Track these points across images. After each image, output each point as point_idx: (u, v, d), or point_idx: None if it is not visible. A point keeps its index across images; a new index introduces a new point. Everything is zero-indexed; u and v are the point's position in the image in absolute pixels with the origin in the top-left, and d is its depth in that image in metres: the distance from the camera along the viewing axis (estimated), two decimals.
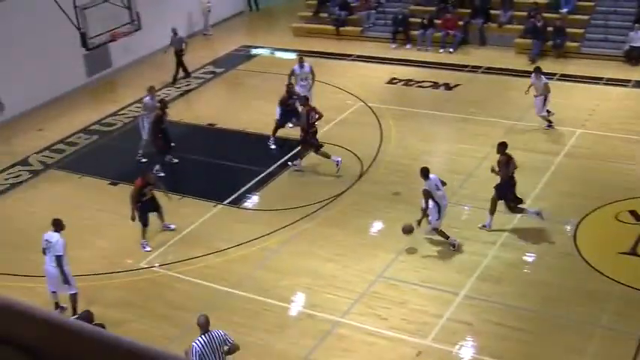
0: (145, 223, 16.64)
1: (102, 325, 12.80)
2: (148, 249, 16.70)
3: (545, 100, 20.53)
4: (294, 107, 20.60)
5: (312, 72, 21.80)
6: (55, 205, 18.79)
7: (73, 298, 14.19)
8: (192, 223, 17.49)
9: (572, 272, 14.88)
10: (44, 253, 14.12)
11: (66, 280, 14.06)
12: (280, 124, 20.82)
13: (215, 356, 10.93)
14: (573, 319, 13.62)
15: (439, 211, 15.63)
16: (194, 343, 10.93)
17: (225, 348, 11.10)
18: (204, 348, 10.83)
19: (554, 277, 14.76)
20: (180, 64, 26.31)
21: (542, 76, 20.57)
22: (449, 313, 13.88)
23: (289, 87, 20.90)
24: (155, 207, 16.95)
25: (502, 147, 16.40)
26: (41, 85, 24.82)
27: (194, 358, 10.74)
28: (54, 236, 14.01)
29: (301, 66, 21.82)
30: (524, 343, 13.12)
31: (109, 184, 19.84)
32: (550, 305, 14.01)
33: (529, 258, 15.57)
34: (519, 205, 16.37)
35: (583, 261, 15.14)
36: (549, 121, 20.77)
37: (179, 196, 18.64)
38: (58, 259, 13.92)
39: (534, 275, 15.01)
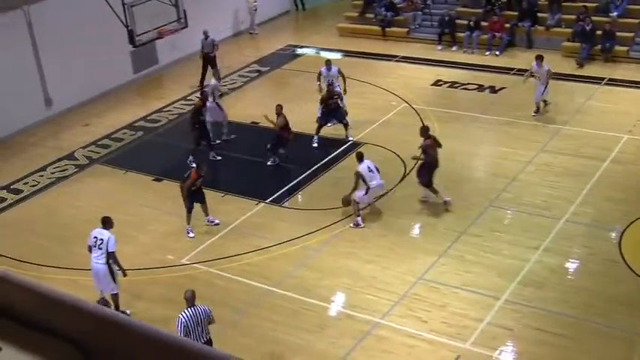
0: (189, 209, 17.01)
1: (105, 302, 13.26)
2: (192, 235, 17.12)
3: (545, 87, 21.26)
4: (334, 106, 20.69)
5: (340, 74, 21.70)
6: (100, 199, 19.07)
7: (115, 298, 14.37)
8: (234, 220, 17.61)
9: (616, 280, 14.71)
10: (90, 250, 14.27)
11: (112, 279, 14.25)
12: (322, 123, 20.93)
13: (199, 328, 11.94)
14: (615, 327, 13.47)
15: (367, 192, 16.71)
16: (180, 315, 11.92)
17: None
18: (189, 320, 11.87)
19: (597, 284, 14.61)
20: (207, 67, 25.65)
21: (545, 64, 21.31)
22: (489, 318, 13.81)
23: (330, 87, 21.00)
24: (201, 198, 17.28)
25: (425, 130, 17.64)
26: (88, 81, 25.17)
27: (179, 328, 11.73)
28: (104, 233, 14.16)
29: (328, 68, 21.81)
30: (564, 349, 13.01)
31: (153, 180, 20.06)
32: (592, 312, 13.87)
33: (572, 264, 15.42)
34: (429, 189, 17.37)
35: (628, 268, 14.96)
36: (538, 109, 21.62)
37: (222, 193, 18.81)
38: (109, 256, 14.09)
39: (577, 281, 14.88)
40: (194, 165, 18.85)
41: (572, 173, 18.49)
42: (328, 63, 22.08)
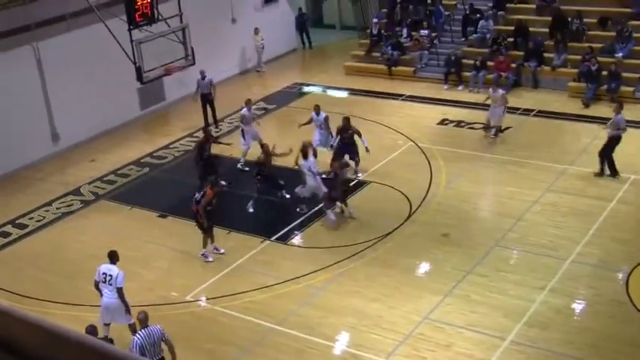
0: (209, 229, 17.35)
1: (110, 340, 13.21)
2: (210, 259, 17.39)
3: (504, 110, 22.85)
4: (349, 141, 20.86)
5: (326, 121, 21.55)
6: (105, 235, 19.07)
7: (133, 327, 14.33)
8: (239, 258, 17.58)
9: (623, 321, 14.61)
10: (96, 286, 14.24)
11: (127, 310, 14.23)
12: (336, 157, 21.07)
13: (153, 349, 12.40)
14: None
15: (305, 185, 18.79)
16: (135, 337, 12.42)
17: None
18: (144, 341, 12.32)
19: (604, 325, 14.51)
20: (207, 109, 25.46)
21: (499, 89, 23.22)
22: (494, 358, 13.71)
23: (346, 119, 21.07)
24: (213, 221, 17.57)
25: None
26: (95, 117, 25.33)
27: (134, 350, 12.19)
28: (113, 269, 14.16)
29: (317, 113, 21.77)
30: None
31: (158, 216, 20.08)
32: (598, 354, 13.75)
33: (578, 305, 15.32)
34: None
35: (635, 310, 14.86)
36: (497, 133, 22.96)
37: (227, 230, 18.81)
38: (119, 291, 14.10)
39: (583, 322, 14.78)
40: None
41: (578, 213, 18.46)
42: (317, 108, 21.94)
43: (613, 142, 20.12)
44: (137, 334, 12.47)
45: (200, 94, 25.52)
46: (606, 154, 20.21)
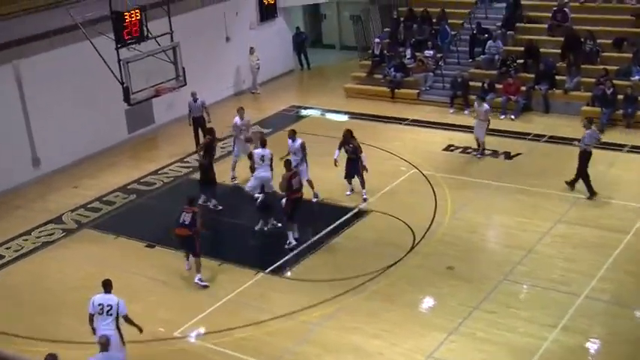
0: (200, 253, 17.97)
1: None
2: (206, 284, 17.78)
3: (487, 127, 23.87)
4: (352, 157, 21.32)
5: (302, 148, 21.49)
6: (88, 266, 19.02)
7: None
8: (230, 291, 17.53)
9: None
10: (91, 320, 14.10)
11: (122, 343, 14.16)
12: (347, 178, 21.63)
13: None
14: None
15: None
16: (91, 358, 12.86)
17: None
18: None
19: None
20: (199, 133, 25.21)
21: (485, 104, 24.16)
22: None
23: (347, 131, 21.44)
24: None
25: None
26: (80, 140, 25.36)
27: None
28: (112, 298, 14.11)
29: (292, 139, 21.78)
30: None
31: (146, 246, 20.04)
32: None
33: (592, 344, 15.23)
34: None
35: None
36: (483, 151, 24.03)
37: (218, 262, 18.77)
38: (125, 319, 14.14)
39: None
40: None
41: (591, 246, 18.43)
42: (292, 134, 21.71)
43: (583, 157, 20.76)
44: (94, 357, 12.88)
45: (192, 117, 25.54)
46: (581, 171, 20.83)
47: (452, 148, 24.98)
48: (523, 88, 27.75)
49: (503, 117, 27.28)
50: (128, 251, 19.87)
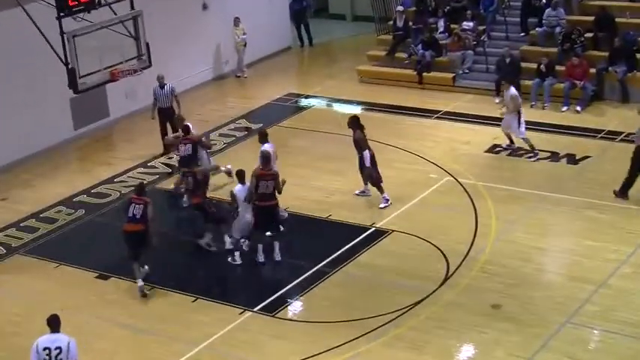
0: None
1: None
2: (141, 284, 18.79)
3: (519, 118, 24.08)
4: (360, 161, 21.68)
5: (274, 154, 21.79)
6: (19, 304, 19.02)
7: None
8: (210, 335, 17.46)
9: None
10: None
11: None
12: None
13: None
14: None
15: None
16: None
17: None
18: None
19: None
20: (167, 127, 25.59)
21: (511, 87, 24.34)
22: None
23: (354, 120, 21.77)
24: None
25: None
26: (10, 138, 25.29)
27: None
28: (61, 338, 14.00)
29: (262, 142, 21.83)
30: None
31: (97, 277, 19.97)
32: None
33: None
34: None
35: None
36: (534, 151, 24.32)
37: (192, 297, 18.71)
38: None
39: None
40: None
41: None
42: (263, 137, 21.74)
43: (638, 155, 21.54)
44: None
45: (158, 108, 25.52)
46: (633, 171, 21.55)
47: (498, 149, 24.95)
48: (592, 71, 27.71)
49: (566, 108, 27.25)
50: (73, 284, 19.80)
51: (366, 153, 21.54)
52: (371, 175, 21.75)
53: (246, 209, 19.58)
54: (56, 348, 13.87)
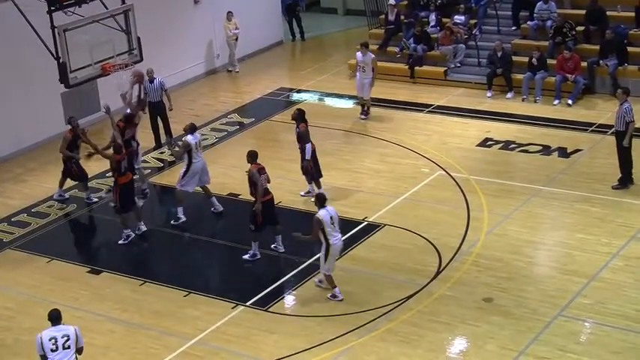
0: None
1: None
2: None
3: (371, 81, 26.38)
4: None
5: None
6: (10, 300, 18.98)
7: None
8: (201, 330, 17.46)
9: None
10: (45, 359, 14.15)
11: None
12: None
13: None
14: None
15: (327, 253, 17.67)
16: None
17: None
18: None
19: None
20: (157, 118, 25.64)
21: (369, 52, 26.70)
22: None
23: (299, 114, 22.06)
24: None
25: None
26: (1, 134, 25.24)
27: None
28: (67, 328, 14.24)
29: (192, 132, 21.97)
30: None
31: (89, 272, 19.96)
32: None
33: None
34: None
35: None
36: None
37: (184, 292, 18.70)
38: (80, 350, 14.28)
39: None
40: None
41: None
42: (192, 128, 21.81)
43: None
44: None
45: (148, 102, 25.48)
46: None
47: (490, 142, 24.96)
48: (584, 65, 27.71)
49: (557, 102, 27.28)
50: (65, 278, 19.77)
51: (309, 146, 21.64)
52: (307, 167, 21.84)
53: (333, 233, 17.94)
54: (63, 336, 14.10)
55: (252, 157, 19.57)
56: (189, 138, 21.14)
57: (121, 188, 20.58)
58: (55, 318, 14.34)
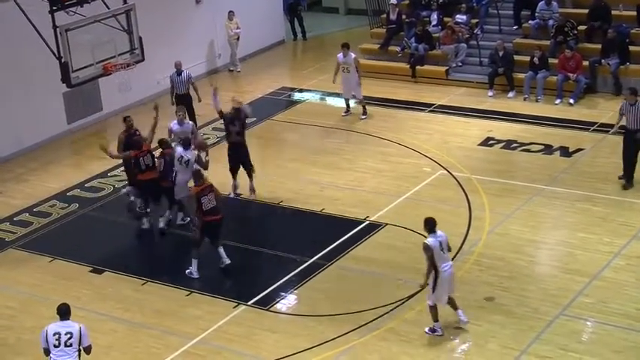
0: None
1: None
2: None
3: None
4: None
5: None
6: (13, 299, 19.01)
7: None
8: (203, 330, 17.47)
9: None
10: (47, 353, 14.17)
11: None
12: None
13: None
14: None
15: (436, 282, 16.23)
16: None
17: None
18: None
19: None
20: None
21: (351, 52, 26.65)
22: None
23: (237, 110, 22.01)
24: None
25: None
26: (4, 133, 25.23)
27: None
28: (72, 325, 14.20)
29: (180, 123, 21.92)
30: None
31: (91, 271, 19.97)
32: None
33: None
34: None
35: None
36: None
37: (186, 291, 18.72)
38: (86, 351, 14.26)
39: None
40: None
41: None
42: (181, 118, 22.54)
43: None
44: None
45: (175, 94, 25.81)
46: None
47: (491, 142, 24.95)
48: (585, 64, 27.70)
49: (559, 101, 27.27)
50: (67, 278, 19.78)
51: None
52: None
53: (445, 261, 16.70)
54: (67, 333, 14.09)
55: (196, 176, 19.35)
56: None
57: (139, 184, 20.93)
58: (63, 313, 14.33)
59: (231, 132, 21.96)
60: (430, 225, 16.52)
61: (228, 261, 19.37)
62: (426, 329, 16.64)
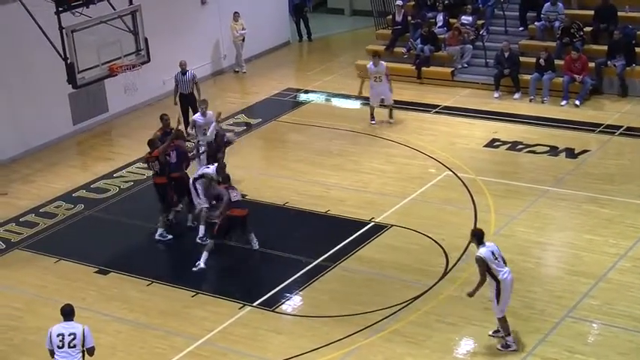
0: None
1: None
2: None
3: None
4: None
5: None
6: (19, 299, 19.01)
7: None
8: (208, 331, 17.47)
9: None
10: (52, 355, 14.20)
11: None
12: None
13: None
14: None
15: (499, 292, 15.77)
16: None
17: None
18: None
19: None
20: (188, 110, 26.02)
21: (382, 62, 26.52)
22: None
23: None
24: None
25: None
26: (9, 134, 25.26)
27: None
28: (76, 327, 14.23)
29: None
30: None
31: (96, 272, 19.97)
32: None
33: None
34: None
35: None
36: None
37: (192, 292, 18.72)
38: (89, 352, 14.26)
39: None
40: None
41: None
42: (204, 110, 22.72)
43: None
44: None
45: (179, 94, 25.84)
46: None
47: (497, 143, 24.93)
48: (591, 65, 27.66)
49: (565, 103, 27.23)
50: (73, 279, 19.79)
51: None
52: None
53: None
54: (70, 334, 14.11)
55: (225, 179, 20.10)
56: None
57: (156, 188, 21.09)
58: (67, 313, 14.38)
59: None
60: (478, 236, 16.09)
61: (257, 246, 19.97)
62: (499, 346, 16.18)
